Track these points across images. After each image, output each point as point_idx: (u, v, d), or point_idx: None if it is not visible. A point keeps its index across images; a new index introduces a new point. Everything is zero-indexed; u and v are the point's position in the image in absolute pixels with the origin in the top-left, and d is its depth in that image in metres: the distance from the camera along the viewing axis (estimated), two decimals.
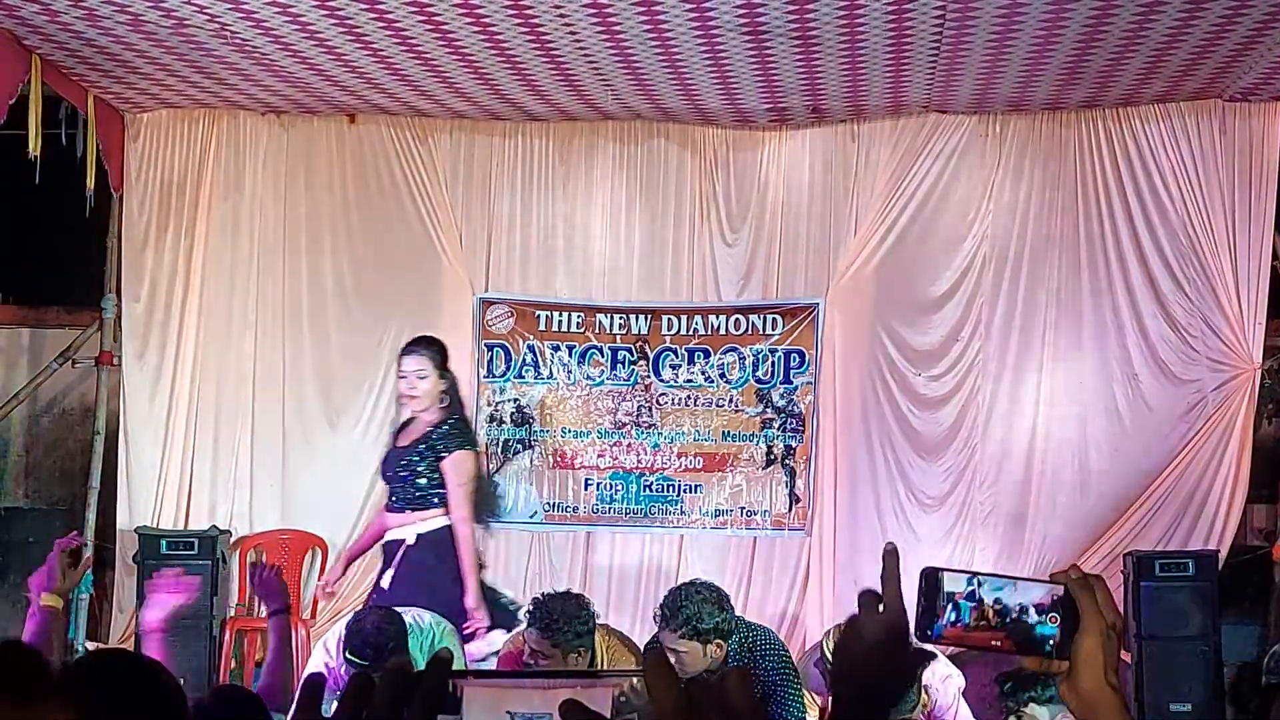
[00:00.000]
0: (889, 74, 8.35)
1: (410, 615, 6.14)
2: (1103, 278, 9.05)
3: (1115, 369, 9.01)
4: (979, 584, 1.69)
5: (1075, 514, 8.98)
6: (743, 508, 9.40)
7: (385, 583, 6.98)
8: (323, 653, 6.20)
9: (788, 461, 9.40)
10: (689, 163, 9.52)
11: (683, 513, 9.42)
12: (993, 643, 1.68)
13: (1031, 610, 1.67)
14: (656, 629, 5.86)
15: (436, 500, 7.06)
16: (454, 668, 1.17)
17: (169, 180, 9.50)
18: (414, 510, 7.09)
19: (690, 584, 5.98)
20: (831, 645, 5.50)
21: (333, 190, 9.57)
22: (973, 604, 1.67)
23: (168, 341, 9.46)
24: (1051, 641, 1.67)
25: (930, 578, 1.67)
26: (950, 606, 1.68)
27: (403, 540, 7.03)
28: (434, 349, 7.24)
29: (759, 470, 9.43)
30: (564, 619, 5.72)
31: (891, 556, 1.70)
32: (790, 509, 9.37)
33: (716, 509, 9.42)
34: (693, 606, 5.70)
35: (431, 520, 7.04)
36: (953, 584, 1.68)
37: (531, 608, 5.92)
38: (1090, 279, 9.07)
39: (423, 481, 7.06)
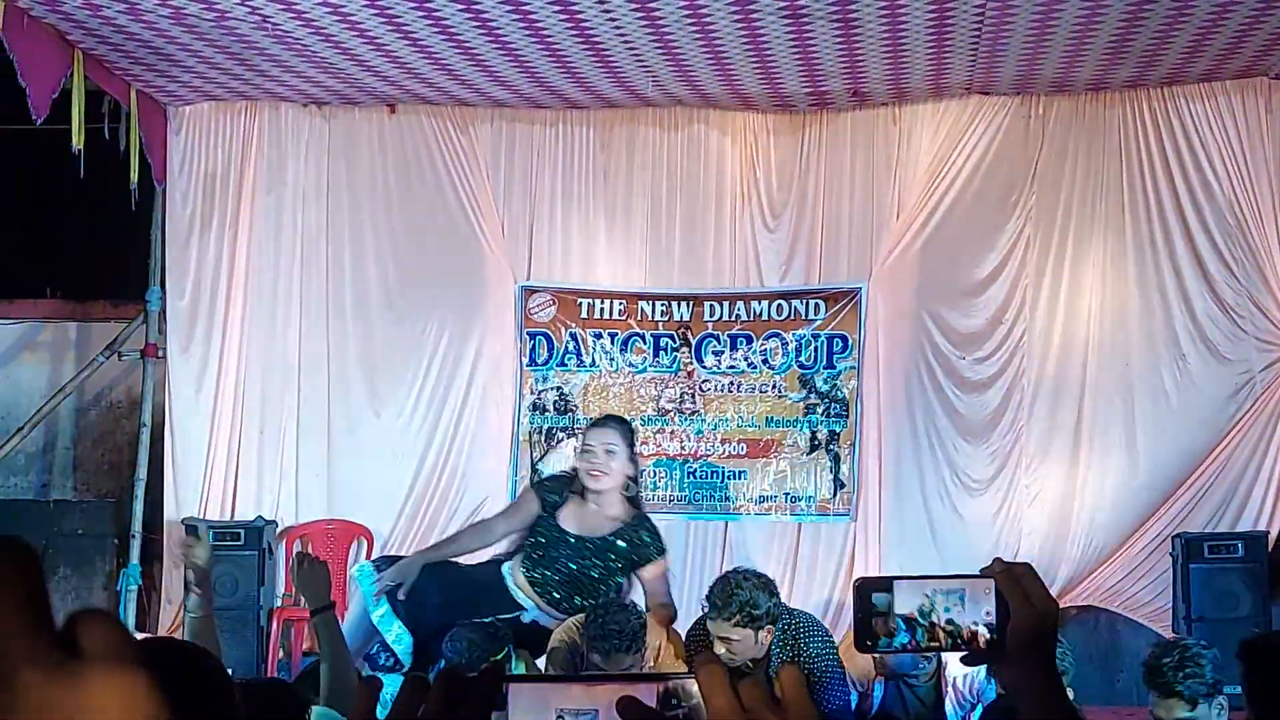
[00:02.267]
0: (931, 56, 8.31)
1: None
2: (1148, 258, 8.99)
3: (1162, 350, 8.95)
4: (931, 605, 1.69)
5: (1122, 496, 8.92)
6: (787, 494, 9.38)
7: None
8: None
9: (832, 447, 9.38)
10: (730, 148, 9.50)
11: (727, 499, 9.41)
12: (932, 644, 1.70)
13: (983, 629, 1.68)
14: (705, 617, 5.84)
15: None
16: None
17: (211, 173, 9.55)
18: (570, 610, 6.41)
19: (738, 571, 5.96)
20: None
21: (374, 181, 9.60)
22: (924, 625, 1.68)
23: (212, 333, 9.51)
24: (992, 630, 1.69)
25: (862, 592, 1.68)
26: (903, 629, 1.69)
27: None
28: (624, 428, 6.72)
29: (803, 456, 9.40)
30: (624, 632, 5.68)
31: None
32: (835, 494, 9.34)
33: (761, 495, 9.40)
34: (745, 593, 5.69)
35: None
36: (904, 605, 1.69)
37: (587, 620, 5.86)
38: (1136, 259, 9.01)
39: (605, 581, 6.47)
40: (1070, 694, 1.78)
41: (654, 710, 1.12)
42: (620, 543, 6.48)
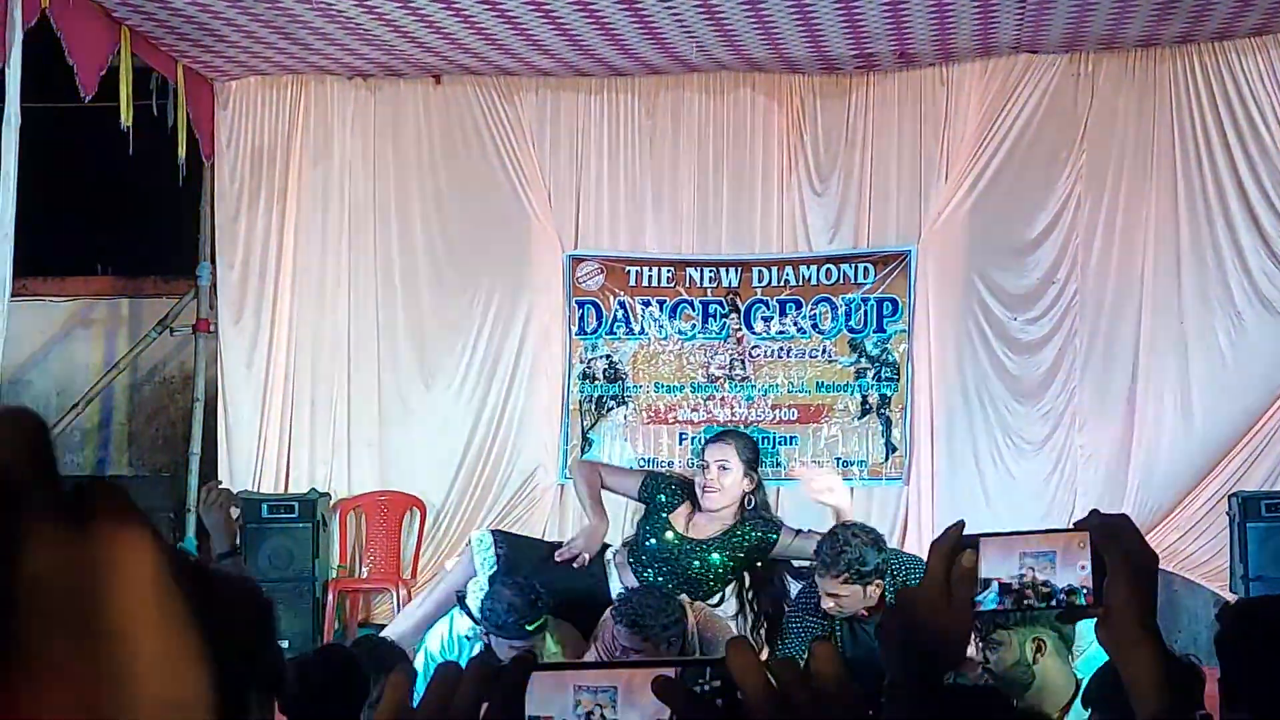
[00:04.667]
0: (977, 15, 8.25)
1: None
2: (1201, 214, 8.90)
3: (1216, 306, 8.87)
4: (1020, 569, 1.67)
5: (1178, 455, 8.86)
6: (839, 458, 9.35)
7: None
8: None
9: (883, 411, 9.35)
10: (776, 113, 9.46)
11: (779, 465, 9.38)
12: (1026, 602, 1.68)
13: (1080, 593, 1.66)
14: (814, 572, 5.86)
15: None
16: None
17: (259, 147, 9.58)
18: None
19: (846, 526, 5.96)
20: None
21: (420, 152, 9.61)
22: (1016, 590, 1.66)
23: (263, 307, 9.55)
24: (1086, 594, 1.66)
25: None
26: (995, 593, 1.67)
27: None
28: (742, 441, 6.54)
29: (854, 420, 9.38)
30: (651, 614, 5.67)
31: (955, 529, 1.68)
32: (887, 458, 9.32)
33: (812, 460, 9.37)
34: (853, 550, 5.70)
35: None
36: (996, 568, 1.66)
37: (617, 604, 5.86)
38: (1188, 216, 8.93)
39: (712, 582, 6.40)
40: None
41: (691, 689, 1.11)
42: (729, 540, 6.42)
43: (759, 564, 6.44)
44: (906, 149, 9.33)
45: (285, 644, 5.57)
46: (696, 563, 6.31)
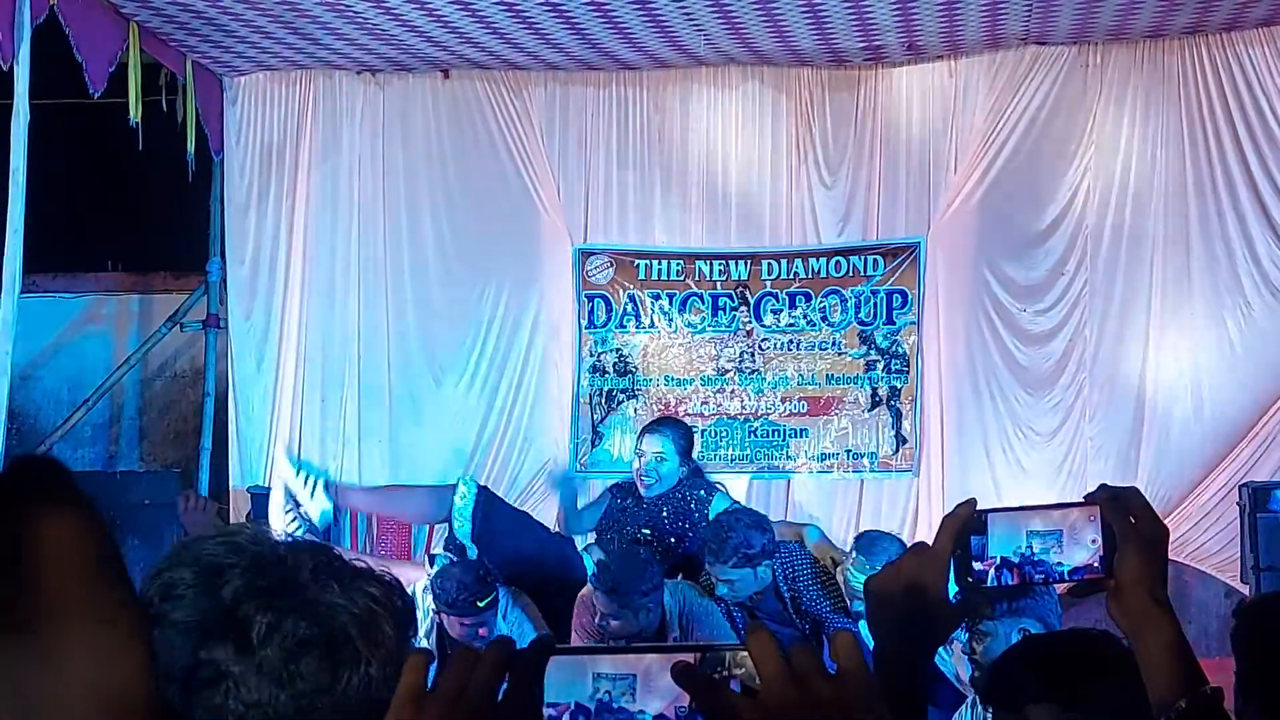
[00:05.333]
0: (985, 7, 8.24)
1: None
2: (1211, 205, 8.89)
3: (1226, 297, 8.86)
4: (1027, 546, 1.67)
5: (1188, 445, 8.85)
6: (849, 450, 9.36)
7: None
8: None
9: (893, 403, 9.35)
10: (785, 105, 9.45)
11: (789, 457, 9.39)
12: (1038, 578, 1.68)
13: (1081, 571, 1.66)
14: (704, 562, 5.96)
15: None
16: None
17: (268, 142, 9.59)
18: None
19: (730, 513, 6.08)
20: (855, 574, 5.61)
21: (429, 147, 9.61)
22: (1021, 567, 1.67)
23: (273, 303, 9.56)
24: (1098, 562, 1.66)
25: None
26: (1001, 569, 1.67)
27: None
28: (677, 432, 6.86)
29: (864, 413, 9.38)
30: (629, 581, 5.70)
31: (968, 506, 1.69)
32: (897, 451, 9.32)
33: (822, 453, 9.38)
34: (738, 534, 5.82)
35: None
36: (1000, 546, 1.67)
37: (597, 570, 5.90)
38: (1198, 206, 8.91)
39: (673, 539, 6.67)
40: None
41: (710, 676, 1.12)
42: (668, 495, 6.56)
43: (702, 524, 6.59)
44: (915, 141, 9.32)
45: None
46: (647, 530, 6.48)
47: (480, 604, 5.68)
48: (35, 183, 6.96)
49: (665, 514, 6.59)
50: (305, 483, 6.65)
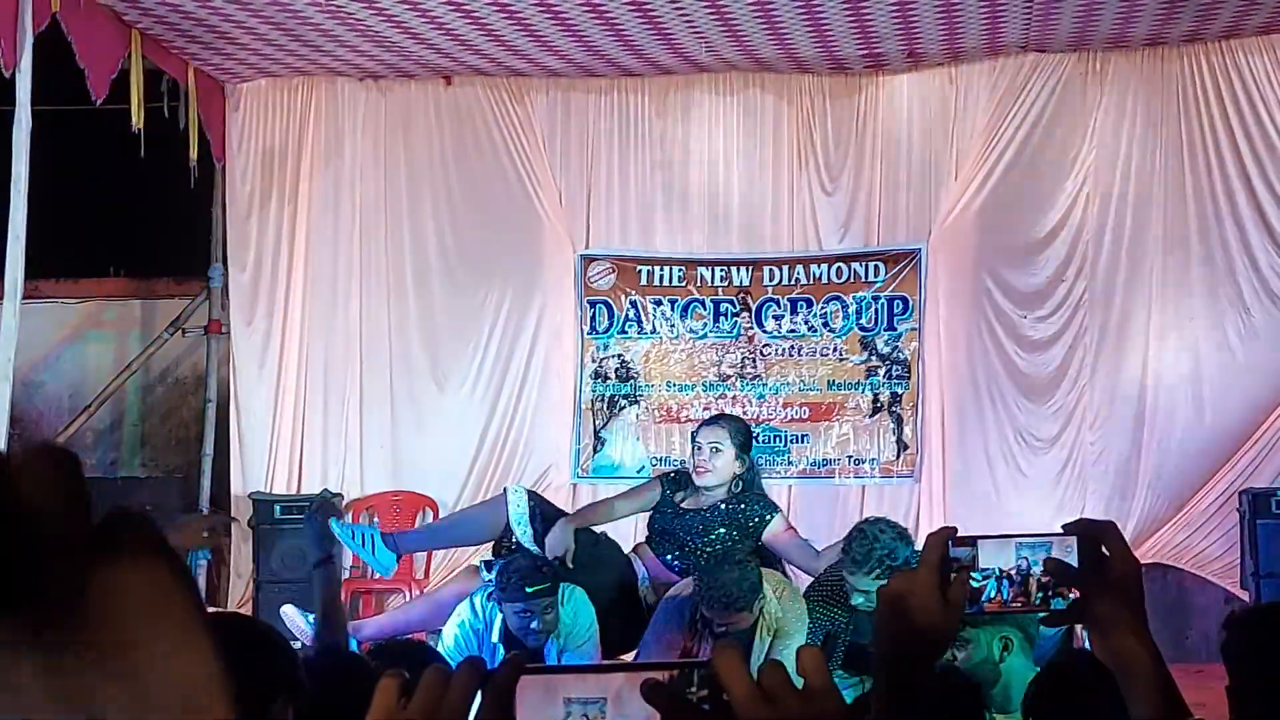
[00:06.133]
0: (985, 15, 8.26)
1: None
2: (1209, 212, 8.91)
3: (1225, 303, 8.88)
4: (1023, 559, 1.70)
5: (1188, 451, 8.86)
6: (850, 456, 9.37)
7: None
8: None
9: (894, 409, 9.36)
10: (786, 112, 9.47)
11: (790, 463, 9.41)
12: (1015, 605, 1.71)
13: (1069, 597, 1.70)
14: (843, 569, 5.91)
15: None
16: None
17: (270, 149, 9.60)
18: None
19: (873, 523, 6.00)
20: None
21: (431, 153, 9.63)
22: (1019, 580, 1.69)
23: (275, 308, 9.58)
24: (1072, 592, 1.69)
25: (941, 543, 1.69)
26: (1000, 581, 1.69)
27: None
28: (735, 425, 6.75)
29: (865, 418, 9.39)
30: (735, 590, 5.74)
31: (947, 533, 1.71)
32: (898, 456, 9.33)
33: (824, 458, 9.40)
34: (883, 546, 5.73)
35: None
36: (993, 559, 1.69)
37: (701, 592, 5.91)
38: (1197, 213, 8.93)
39: (724, 549, 6.48)
40: None
41: (679, 691, 1.13)
42: (727, 510, 6.55)
43: (758, 542, 6.56)
44: (916, 148, 9.34)
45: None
46: (700, 539, 6.48)
47: (529, 589, 5.71)
48: (38, 189, 6.99)
49: (722, 530, 6.58)
50: (363, 542, 6.68)
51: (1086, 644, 6.15)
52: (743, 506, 6.57)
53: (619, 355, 9.59)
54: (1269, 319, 8.80)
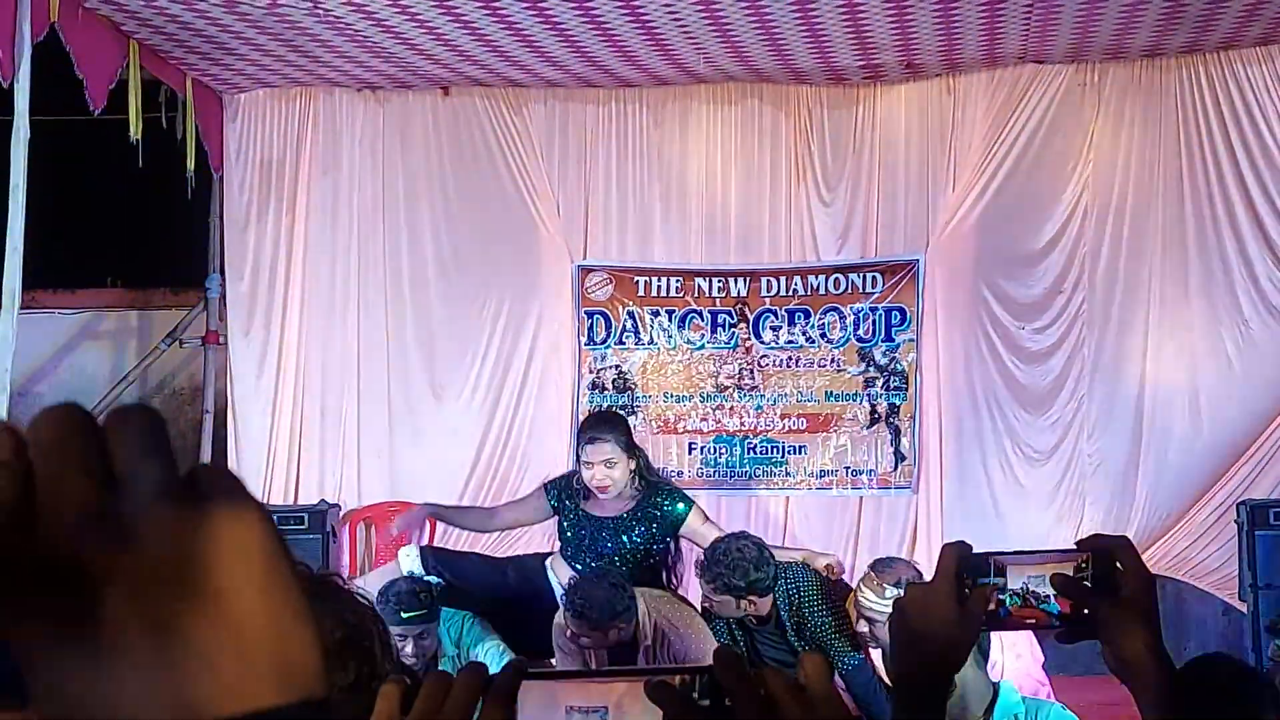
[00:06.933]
0: (983, 25, 8.26)
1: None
2: (1208, 223, 8.92)
3: (1223, 315, 8.88)
4: (1023, 584, 1.72)
5: (1186, 463, 8.87)
6: (848, 468, 9.37)
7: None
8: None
9: (892, 420, 9.36)
10: (783, 123, 9.48)
11: (787, 474, 9.40)
12: (1029, 623, 1.73)
13: (1068, 619, 1.71)
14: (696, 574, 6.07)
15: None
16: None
17: (268, 159, 9.60)
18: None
19: (736, 537, 6.14)
20: (868, 594, 5.62)
21: (429, 163, 9.63)
22: (1027, 594, 1.70)
23: (272, 319, 9.57)
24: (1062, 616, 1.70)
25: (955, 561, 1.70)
26: (1013, 596, 1.70)
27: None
28: (617, 430, 6.66)
29: (863, 430, 9.39)
30: (597, 605, 5.73)
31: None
32: (896, 468, 9.33)
33: (821, 470, 9.39)
34: (728, 565, 5.90)
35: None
36: (1006, 573, 1.71)
37: (567, 593, 5.92)
38: (1195, 225, 8.94)
39: (645, 551, 6.56)
40: None
41: (685, 694, 1.13)
42: (640, 508, 6.59)
43: (675, 538, 6.60)
44: (914, 159, 9.35)
45: None
46: (611, 544, 6.49)
47: (404, 615, 5.69)
48: (35, 199, 6.98)
49: (636, 533, 6.57)
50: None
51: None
52: (656, 499, 6.60)
53: (616, 366, 9.59)
54: (1267, 331, 8.81)
